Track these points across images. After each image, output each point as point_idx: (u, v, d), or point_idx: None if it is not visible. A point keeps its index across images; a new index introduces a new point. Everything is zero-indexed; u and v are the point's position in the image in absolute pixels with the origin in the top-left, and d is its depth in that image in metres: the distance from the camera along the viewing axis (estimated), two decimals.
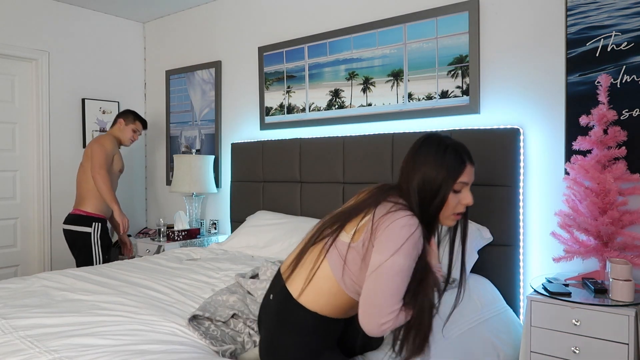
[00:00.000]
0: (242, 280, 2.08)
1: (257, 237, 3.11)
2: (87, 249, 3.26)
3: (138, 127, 3.56)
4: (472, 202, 1.41)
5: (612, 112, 2.14)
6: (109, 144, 3.36)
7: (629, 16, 2.24)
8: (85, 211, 3.29)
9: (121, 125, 3.50)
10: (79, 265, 3.28)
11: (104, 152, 3.31)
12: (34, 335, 1.62)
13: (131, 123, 3.51)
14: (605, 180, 2.09)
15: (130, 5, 4.18)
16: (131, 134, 3.52)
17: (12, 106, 3.87)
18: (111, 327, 1.70)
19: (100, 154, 3.29)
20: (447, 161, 1.39)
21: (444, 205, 1.39)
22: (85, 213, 3.29)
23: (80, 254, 3.28)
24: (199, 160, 3.77)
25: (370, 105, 3.11)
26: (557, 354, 2.00)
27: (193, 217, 3.95)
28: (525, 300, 2.47)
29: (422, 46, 2.88)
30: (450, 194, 1.39)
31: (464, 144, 1.45)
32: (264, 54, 3.66)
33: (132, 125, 3.52)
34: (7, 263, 3.84)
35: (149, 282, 2.31)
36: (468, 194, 1.42)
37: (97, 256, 3.27)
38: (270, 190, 3.52)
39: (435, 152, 1.41)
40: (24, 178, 3.95)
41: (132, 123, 3.52)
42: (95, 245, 3.27)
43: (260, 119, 3.72)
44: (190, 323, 1.72)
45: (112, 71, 4.42)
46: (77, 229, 3.27)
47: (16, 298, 2.07)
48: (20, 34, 3.83)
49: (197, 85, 4.21)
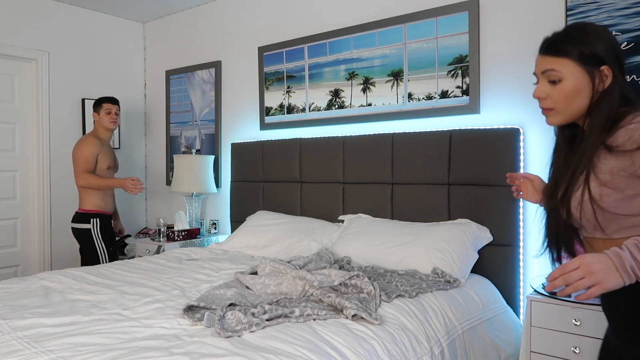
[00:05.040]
0: (240, 277, 2.08)
1: (257, 237, 3.11)
2: (91, 244, 3.34)
3: (107, 107, 3.45)
4: (536, 95, 1.23)
5: None
6: (87, 147, 3.35)
7: (629, 16, 2.24)
8: (83, 209, 3.37)
9: (95, 118, 3.48)
10: (87, 263, 3.35)
11: (82, 157, 3.32)
12: (31, 336, 1.62)
13: (100, 109, 3.46)
14: None
15: (130, 5, 4.18)
16: (106, 118, 3.44)
17: (12, 106, 3.87)
18: (108, 325, 1.70)
19: (79, 159, 3.33)
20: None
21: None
22: (83, 210, 3.37)
23: (85, 250, 3.37)
24: (199, 160, 3.77)
25: (370, 105, 3.11)
26: (557, 354, 2.00)
27: (193, 217, 3.95)
28: (525, 300, 2.46)
29: (422, 46, 2.87)
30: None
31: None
32: (264, 54, 3.66)
33: (101, 109, 3.46)
34: (7, 263, 3.84)
35: (148, 282, 2.31)
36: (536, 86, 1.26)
37: (101, 250, 3.33)
38: (270, 190, 3.52)
39: None
40: (24, 178, 3.95)
41: (100, 107, 3.46)
42: (97, 239, 3.33)
43: (260, 119, 3.72)
44: (185, 313, 1.73)
45: (112, 71, 4.42)
46: (78, 227, 3.37)
47: (16, 298, 2.07)
48: (20, 34, 3.83)
49: (197, 85, 4.20)
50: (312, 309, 1.77)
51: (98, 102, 3.48)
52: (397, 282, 2.13)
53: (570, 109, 1.20)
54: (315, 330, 1.64)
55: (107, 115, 3.44)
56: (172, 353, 1.45)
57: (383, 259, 2.49)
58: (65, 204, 4.02)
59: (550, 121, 1.24)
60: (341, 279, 1.98)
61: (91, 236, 3.33)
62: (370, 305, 1.84)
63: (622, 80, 1.17)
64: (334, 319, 1.74)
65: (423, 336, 1.81)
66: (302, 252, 2.81)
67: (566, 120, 1.23)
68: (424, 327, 1.85)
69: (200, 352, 1.45)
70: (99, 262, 3.30)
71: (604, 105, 1.16)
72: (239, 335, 1.59)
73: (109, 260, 3.35)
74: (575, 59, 1.17)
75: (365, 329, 1.68)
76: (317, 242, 2.85)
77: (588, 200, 1.13)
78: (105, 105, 3.45)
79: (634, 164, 1.09)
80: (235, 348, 1.47)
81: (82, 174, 3.31)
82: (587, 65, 1.16)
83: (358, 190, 3.05)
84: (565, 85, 1.18)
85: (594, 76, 1.16)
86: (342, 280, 1.98)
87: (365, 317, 1.72)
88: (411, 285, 2.09)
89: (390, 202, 2.91)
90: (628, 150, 1.08)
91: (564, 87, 1.18)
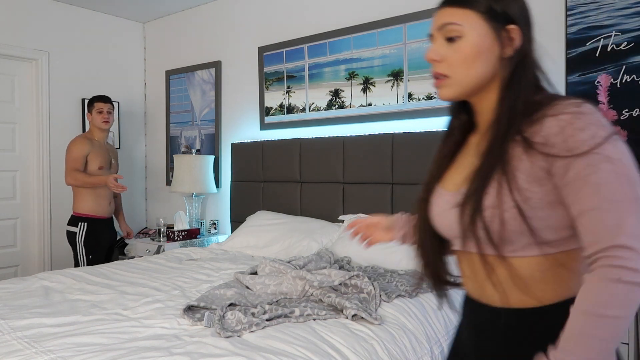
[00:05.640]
0: (240, 277, 2.08)
1: (257, 237, 3.11)
2: (74, 248, 3.31)
3: (99, 106, 3.36)
4: (429, 57, 0.97)
5: (612, 112, 2.14)
6: (75, 147, 3.29)
7: (628, 16, 2.24)
8: (75, 212, 3.34)
9: (89, 118, 3.42)
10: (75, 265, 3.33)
11: (70, 157, 3.27)
12: (31, 336, 1.62)
13: (92, 108, 3.39)
14: None
15: (130, 5, 4.18)
16: (98, 117, 3.35)
17: (12, 106, 3.87)
18: (108, 325, 1.70)
19: (67, 159, 3.29)
20: None
21: None
22: (74, 213, 3.34)
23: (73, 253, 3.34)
24: (199, 160, 3.77)
25: (370, 105, 3.11)
26: None
27: (193, 217, 3.95)
28: None
29: (422, 46, 2.87)
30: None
31: None
32: (264, 54, 3.66)
33: (93, 109, 3.38)
34: (7, 263, 3.84)
35: (148, 282, 2.31)
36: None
37: (81, 256, 3.27)
38: (270, 190, 3.52)
39: None
40: (24, 178, 3.95)
41: (92, 107, 3.39)
42: (79, 245, 3.28)
43: (260, 119, 3.72)
44: (185, 313, 1.73)
45: (112, 71, 4.42)
46: (67, 229, 3.34)
47: (16, 298, 2.07)
48: (20, 34, 3.83)
49: (197, 85, 4.20)
50: (312, 309, 1.77)
51: (90, 102, 3.41)
52: (397, 282, 2.14)
53: (469, 76, 0.92)
54: (315, 330, 1.64)
55: (99, 115, 3.36)
56: (172, 353, 1.45)
57: (383, 259, 2.49)
58: (65, 204, 4.01)
59: (443, 93, 0.96)
60: (341, 279, 1.98)
61: (75, 241, 3.29)
62: (370, 305, 1.84)
63: (533, 56, 0.93)
64: (334, 319, 1.74)
65: (423, 336, 1.81)
66: (302, 252, 2.81)
67: (462, 92, 0.94)
68: (424, 327, 1.85)
69: (200, 352, 1.45)
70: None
71: (519, 75, 0.90)
72: (239, 335, 1.59)
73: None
74: (482, 11, 0.90)
75: (365, 329, 1.68)
76: (317, 242, 2.85)
77: (513, 206, 0.83)
78: (97, 105, 3.36)
79: (561, 172, 0.80)
80: (235, 348, 1.47)
81: (70, 172, 3.26)
82: (494, 22, 0.90)
83: (358, 190, 3.05)
84: (466, 43, 0.91)
85: (501, 37, 0.90)
86: (342, 280, 1.98)
87: (365, 317, 1.72)
88: (411, 285, 2.09)
89: (390, 202, 2.91)
90: (554, 154, 0.80)
91: (464, 46, 0.91)
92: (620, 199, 0.76)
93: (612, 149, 0.78)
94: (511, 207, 0.83)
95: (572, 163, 0.79)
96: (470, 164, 0.93)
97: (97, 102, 3.37)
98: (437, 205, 0.98)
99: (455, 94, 0.95)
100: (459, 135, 1.04)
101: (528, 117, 0.85)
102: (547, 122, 0.82)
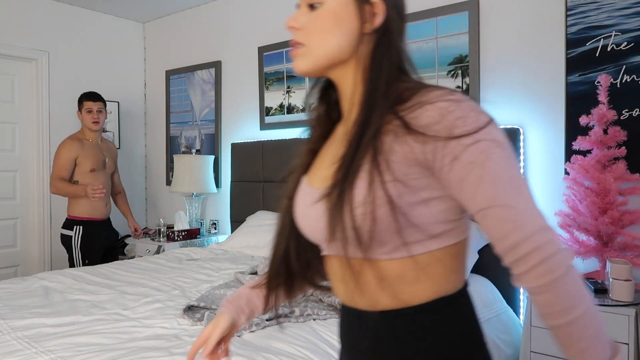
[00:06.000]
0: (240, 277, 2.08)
1: (257, 237, 3.11)
2: (70, 252, 3.23)
3: (88, 105, 3.21)
4: (289, 24, 0.89)
5: (612, 112, 2.14)
6: (62, 151, 3.17)
7: (628, 16, 2.24)
8: (69, 215, 3.28)
9: (79, 117, 3.29)
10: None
11: (57, 163, 3.17)
12: (31, 336, 1.62)
13: (81, 107, 3.25)
14: (605, 180, 2.09)
15: (130, 5, 4.18)
16: (88, 117, 3.21)
17: (12, 106, 3.87)
18: (108, 325, 1.70)
19: (54, 168, 3.19)
20: None
21: None
22: (69, 216, 3.28)
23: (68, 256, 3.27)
24: (199, 160, 3.77)
25: None
26: (557, 354, 1.99)
27: (193, 217, 3.95)
28: (525, 300, 2.46)
29: (422, 46, 2.87)
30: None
31: None
32: (264, 54, 3.66)
33: (82, 107, 3.23)
34: (7, 263, 3.84)
35: (148, 282, 2.31)
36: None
37: (77, 261, 3.20)
38: (270, 190, 3.52)
39: None
40: (24, 178, 3.95)
41: (81, 106, 3.25)
42: (75, 249, 3.20)
43: (260, 119, 3.72)
44: (185, 313, 1.73)
45: (112, 71, 4.42)
46: (62, 232, 3.29)
47: (16, 298, 2.07)
48: (20, 34, 3.84)
49: (197, 85, 4.20)
50: (312, 308, 1.77)
51: (79, 100, 3.25)
52: None
53: (324, 46, 0.84)
54: (315, 330, 1.64)
55: (89, 115, 3.21)
56: (172, 353, 1.45)
57: None
58: (65, 204, 4.00)
59: (297, 65, 0.88)
60: None
61: (71, 245, 3.20)
62: None
63: (397, 37, 0.84)
64: (334, 319, 1.74)
65: None
66: None
67: (318, 64, 0.86)
68: None
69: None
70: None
71: (380, 54, 0.82)
72: (239, 335, 1.59)
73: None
74: None
75: None
76: None
77: (386, 202, 0.73)
78: (86, 104, 3.21)
79: (439, 155, 0.72)
80: (235, 348, 1.47)
81: (54, 180, 3.16)
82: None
83: None
84: (324, 9, 0.84)
85: (363, 10, 0.83)
86: None
87: None
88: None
89: None
90: (437, 139, 0.72)
91: (322, 12, 0.84)
92: (517, 185, 0.71)
93: (497, 132, 0.73)
94: (384, 202, 0.73)
95: (459, 149, 0.71)
96: (339, 155, 0.82)
97: (86, 101, 3.22)
98: (301, 205, 0.88)
99: (309, 66, 0.86)
100: (325, 125, 0.94)
101: (402, 104, 0.76)
102: (426, 109, 0.73)
